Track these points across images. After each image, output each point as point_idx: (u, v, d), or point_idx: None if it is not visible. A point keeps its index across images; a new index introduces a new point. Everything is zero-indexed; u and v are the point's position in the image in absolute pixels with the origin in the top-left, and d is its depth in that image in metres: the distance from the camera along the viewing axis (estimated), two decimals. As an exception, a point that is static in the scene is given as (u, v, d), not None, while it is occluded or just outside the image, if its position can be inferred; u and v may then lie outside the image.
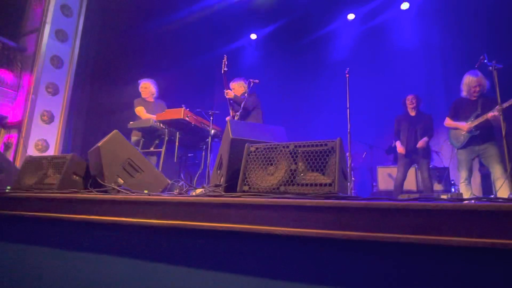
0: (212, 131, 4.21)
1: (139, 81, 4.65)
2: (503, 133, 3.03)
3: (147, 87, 4.58)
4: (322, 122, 6.68)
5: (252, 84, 4.28)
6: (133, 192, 1.59)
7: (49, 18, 5.70)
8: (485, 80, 3.66)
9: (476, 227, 0.79)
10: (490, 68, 3.16)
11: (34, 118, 5.44)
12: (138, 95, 4.63)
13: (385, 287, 0.90)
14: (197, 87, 7.30)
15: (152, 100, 4.63)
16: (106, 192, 1.65)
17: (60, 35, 5.85)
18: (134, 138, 4.36)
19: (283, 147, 1.27)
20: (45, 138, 5.54)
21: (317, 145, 1.21)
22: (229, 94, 4.28)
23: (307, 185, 1.17)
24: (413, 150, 4.24)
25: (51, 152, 5.55)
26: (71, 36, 6.02)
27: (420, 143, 4.17)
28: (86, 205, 1.44)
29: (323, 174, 1.17)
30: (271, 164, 1.27)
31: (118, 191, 1.64)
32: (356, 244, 0.94)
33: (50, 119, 5.64)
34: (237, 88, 4.46)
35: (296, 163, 1.22)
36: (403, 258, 0.89)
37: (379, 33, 6.74)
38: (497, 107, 3.16)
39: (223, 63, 4.22)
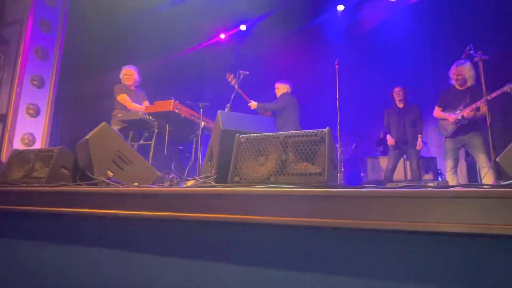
0: (202, 123, 4.18)
1: (122, 67, 4.48)
2: (488, 123, 3.10)
3: (132, 74, 4.41)
4: (311, 113, 6.68)
5: (242, 75, 4.27)
6: (123, 185, 1.58)
7: (32, 8, 5.52)
8: (467, 69, 3.71)
9: (462, 212, 0.81)
10: (476, 58, 3.21)
11: (20, 112, 5.31)
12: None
13: (375, 274, 0.92)
14: (186, 78, 7.21)
15: (133, 88, 4.47)
16: (95, 185, 1.63)
17: (44, 25, 5.68)
18: (115, 128, 4.17)
19: (274, 137, 1.27)
20: (31, 131, 5.42)
21: (306, 135, 1.21)
22: (253, 106, 4.55)
23: (297, 174, 1.19)
24: (403, 141, 4.35)
25: (37, 146, 5.44)
26: (55, 26, 5.85)
27: (419, 146, 4.36)
28: (75, 198, 1.42)
29: (313, 163, 1.18)
30: (262, 155, 1.28)
31: (108, 184, 1.62)
32: (346, 231, 0.96)
33: (36, 112, 5.51)
34: (281, 88, 4.72)
35: (286, 153, 1.23)
36: (392, 245, 0.91)
37: (368, 24, 6.75)
38: (484, 98, 3.22)
39: (237, 78, 4.33)
